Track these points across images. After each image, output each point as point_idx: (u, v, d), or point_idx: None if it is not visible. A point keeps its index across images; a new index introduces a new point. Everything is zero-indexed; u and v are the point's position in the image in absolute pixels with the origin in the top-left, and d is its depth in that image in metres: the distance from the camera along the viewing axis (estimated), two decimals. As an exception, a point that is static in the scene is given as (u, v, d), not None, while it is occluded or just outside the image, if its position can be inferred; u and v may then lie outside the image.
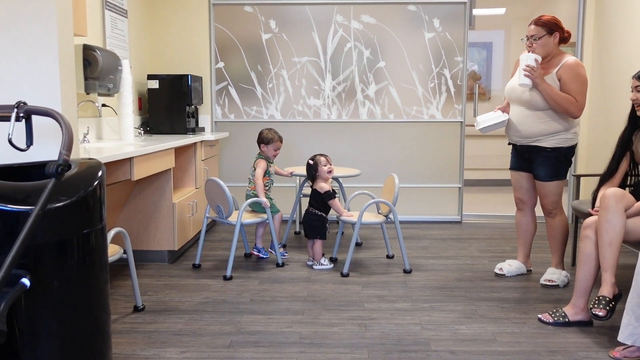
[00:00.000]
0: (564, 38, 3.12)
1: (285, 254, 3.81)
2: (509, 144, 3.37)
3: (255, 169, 3.70)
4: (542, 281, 3.26)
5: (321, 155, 3.65)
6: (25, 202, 1.58)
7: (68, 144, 1.56)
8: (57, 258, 1.66)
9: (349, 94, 4.98)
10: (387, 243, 3.88)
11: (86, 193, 1.71)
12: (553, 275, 3.26)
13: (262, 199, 3.58)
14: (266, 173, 3.73)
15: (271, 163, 3.79)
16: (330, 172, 3.61)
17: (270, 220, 3.60)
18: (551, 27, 3.07)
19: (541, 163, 3.15)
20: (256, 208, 3.71)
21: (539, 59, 3.02)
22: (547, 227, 3.29)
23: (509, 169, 3.40)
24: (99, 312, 1.82)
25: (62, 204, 1.64)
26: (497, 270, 3.46)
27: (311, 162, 3.63)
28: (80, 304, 1.74)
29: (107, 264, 1.88)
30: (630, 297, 2.25)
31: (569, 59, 3.07)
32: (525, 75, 3.01)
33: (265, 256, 3.77)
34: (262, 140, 3.75)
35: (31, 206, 1.56)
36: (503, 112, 3.30)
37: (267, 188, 3.73)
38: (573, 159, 3.21)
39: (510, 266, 3.44)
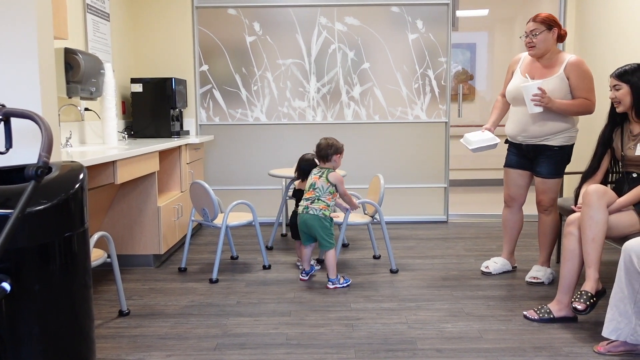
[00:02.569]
0: (561, 36, 3.14)
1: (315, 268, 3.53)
2: (506, 142, 3.39)
3: (332, 185, 3.23)
4: (527, 279, 3.29)
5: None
6: (5, 205, 1.56)
7: (48, 146, 1.54)
8: (38, 262, 1.64)
9: (334, 96, 4.99)
10: (373, 243, 3.88)
11: (67, 196, 1.70)
12: (538, 272, 3.29)
13: (355, 205, 3.33)
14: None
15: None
16: None
17: (256, 221, 3.57)
18: (550, 23, 3.09)
19: (545, 161, 3.17)
20: (329, 237, 3.21)
21: (533, 86, 3.01)
22: (540, 224, 3.32)
23: (505, 166, 3.41)
24: (82, 316, 1.80)
25: (42, 207, 1.62)
26: (483, 269, 3.48)
27: (313, 158, 3.44)
28: (62, 309, 1.72)
29: (90, 267, 1.87)
30: (613, 292, 2.27)
31: (571, 57, 3.09)
32: (536, 105, 3.00)
33: (341, 284, 3.22)
34: (338, 150, 3.27)
35: (10, 209, 1.54)
36: (490, 131, 3.32)
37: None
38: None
39: (496, 264, 3.47)
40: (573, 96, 3.09)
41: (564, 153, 3.18)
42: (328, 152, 3.25)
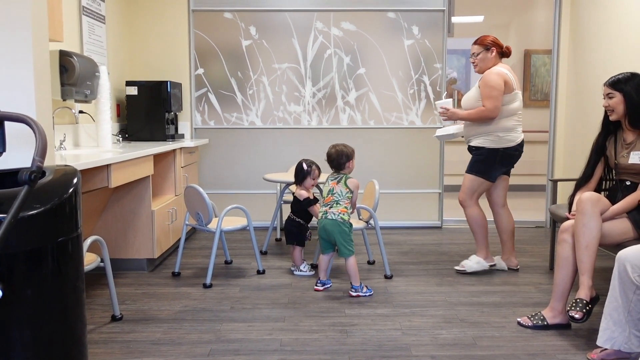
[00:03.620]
0: (504, 53, 3.53)
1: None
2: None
3: (350, 191, 3.25)
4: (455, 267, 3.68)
5: (317, 167, 3.57)
6: (-2, 210, 1.54)
7: (42, 150, 1.53)
8: (30, 267, 1.62)
9: (329, 101, 4.99)
10: (368, 249, 3.88)
11: (61, 200, 1.68)
12: (466, 262, 3.64)
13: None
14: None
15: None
16: (312, 186, 3.59)
17: (250, 226, 3.56)
18: (487, 44, 3.50)
19: (472, 158, 3.58)
20: (348, 243, 3.20)
21: (448, 103, 3.58)
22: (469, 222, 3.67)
23: None
24: (75, 322, 1.78)
25: (35, 211, 1.61)
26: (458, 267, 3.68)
27: (306, 167, 3.52)
28: (55, 314, 1.70)
29: (83, 273, 1.85)
30: (607, 301, 2.28)
31: (489, 70, 3.46)
32: (444, 119, 3.63)
33: (365, 293, 3.19)
34: (349, 156, 3.28)
35: (3, 214, 1.53)
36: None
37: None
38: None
39: (468, 261, 3.67)
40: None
41: (480, 154, 3.50)
42: (340, 161, 3.27)
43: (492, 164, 3.47)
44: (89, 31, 3.95)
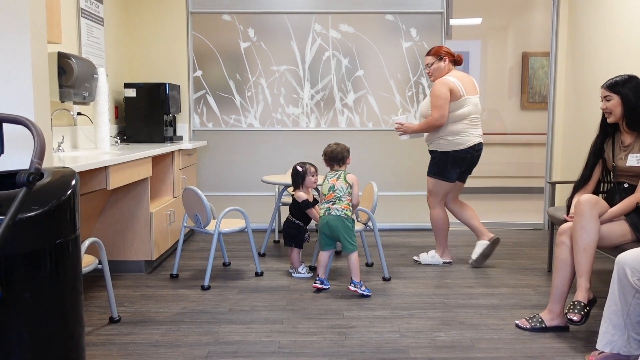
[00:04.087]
0: (456, 61, 3.75)
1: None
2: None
3: (350, 186, 3.32)
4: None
5: (311, 164, 3.60)
6: (-4, 211, 1.54)
7: (40, 152, 1.53)
8: (29, 269, 1.62)
9: (328, 103, 4.99)
10: (366, 251, 3.88)
11: (59, 202, 1.68)
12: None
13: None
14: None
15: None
16: (315, 183, 3.60)
17: (249, 228, 3.56)
18: (439, 54, 3.70)
19: (430, 161, 3.84)
20: (351, 239, 3.26)
21: (402, 118, 3.79)
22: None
23: None
24: (73, 324, 1.78)
25: (34, 213, 1.61)
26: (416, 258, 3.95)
27: (300, 169, 3.54)
28: (52, 316, 1.70)
29: (81, 274, 1.85)
30: (607, 305, 2.28)
31: (438, 80, 3.66)
32: (399, 134, 3.81)
33: (365, 292, 3.20)
34: (348, 151, 3.46)
35: (2, 216, 1.53)
36: None
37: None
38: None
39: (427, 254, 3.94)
40: None
41: (435, 156, 3.76)
42: (344, 155, 3.43)
43: (445, 165, 3.71)
44: (88, 33, 3.95)
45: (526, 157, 7.09)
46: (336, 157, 3.41)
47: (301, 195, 3.53)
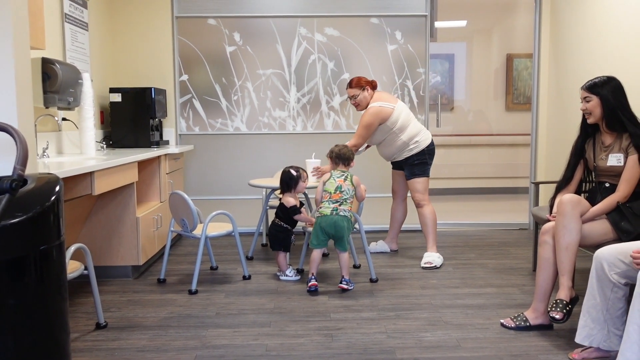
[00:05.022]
0: (374, 86, 3.97)
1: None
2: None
3: (355, 188, 3.46)
4: (422, 264, 3.85)
5: (303, 170, 3.63)
6: (-21, 218, 1.54)
7: (23, 158, 1.53)
8: (13, 275, 1.62)
9: (314, 106, 5.01)
10: (353, 253, 3.90)
11: (43, 208, 1.68)
12: (430, 257, 3.87)
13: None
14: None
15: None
16: (304, 188, 3.63)
17: (236, 231, 3.56)
18: (361, 85, 3.90)
19: (406, 168, 4.02)
20: (349, 238, 3.42)
21: (316, 162, 3.94)
22: (420, 216, 4.02)
23: (392, 169, 4.28)
24: (58, 330, 1.78)
25: (17, 220, 1.60)
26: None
27: (295, 173, 3.55)
28: (37, 323, 1.70)
29: (66, 281, 1.85)
30: (586, 299, 2.32)
31: (367, 110, 3.88)
32: (317, 178, 3.80)
33: (351, 287, 3.34)
34: (352, 157, 3.59)
35: (-15, 223, 1.53)
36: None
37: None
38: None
39: (376, 244, 4.27)
40: None
41: (414, 160, 3.94)
42: (351, 156, 3.57)
43: (425, 162, 3.96)
44: (72, 38, 3.93)
45: (511, 157, 7.16)
46: (344, 157, 3.55)
47: (290, 200, 3.54)
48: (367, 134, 3.87)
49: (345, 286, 3.30)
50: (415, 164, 3.94)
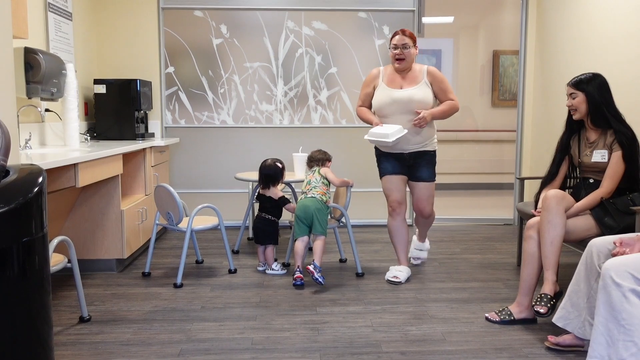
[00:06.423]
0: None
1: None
2: (380, 153, 3.43)
3: (324, 177, 3.51)
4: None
5: (280, 161, 3.65)
6: (-41, 210, 1.51)
7: (5, 149, 1.50)
8: (-6, 268, 1.59)
9: (301, 100, 5.00)
10: (339, 247, 3.90)
11: (25, 200, 1.65)
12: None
13: (348, 182, 3.62)
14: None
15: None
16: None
17: (222, 225, 3.55)
18: (415, 40, 3.29)
19: (425, 165, 3.36)
20: (324, 223, 3.38)
21: (304, 157, 3.77)
22: (427, 224, 3.69)
23: (385, 175, 3.42)
24: (40, 323, 1.75)
25: (-1, 211, 1.58)
26: (392, 279, 3.38)
27: (280, 165, 3.60)
28: (19, 316, 1.67)
29: (49, 273, 1.82)
30: (571, 283, 2.36)
31: (425, 66, 3.33)
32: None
33: (319, 278, 3.21)
34: (329, 159, 3.64)
35: (-35, 214, 1.50)
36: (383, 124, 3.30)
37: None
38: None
39: (402, 272, 3.41)
40: (439, 100, 3.33)
41: (431, 157, 3.38)
42: (322, 157, 3.60)
43: (435, 164, 3.43)
44: (56, 28, 3.87)
45: (497, 153, 7.22)
46: (315, 158, 3.60)
47: (277, 192, 3.55)
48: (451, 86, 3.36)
49: (312, 269, 3.18)
50: (433, 163, 3.39)
